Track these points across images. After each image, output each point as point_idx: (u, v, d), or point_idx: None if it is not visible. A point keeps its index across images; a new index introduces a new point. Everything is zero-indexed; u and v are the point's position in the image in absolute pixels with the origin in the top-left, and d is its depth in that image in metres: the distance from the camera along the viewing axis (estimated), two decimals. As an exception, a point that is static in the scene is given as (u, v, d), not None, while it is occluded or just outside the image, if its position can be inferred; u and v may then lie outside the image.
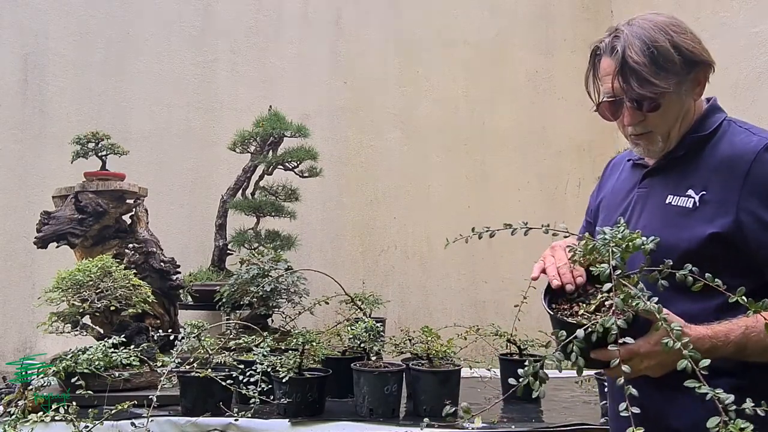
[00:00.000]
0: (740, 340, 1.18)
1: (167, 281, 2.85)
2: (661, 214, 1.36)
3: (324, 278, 2.75)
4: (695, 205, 1.31)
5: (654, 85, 1.29)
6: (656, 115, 1.35)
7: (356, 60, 4.17)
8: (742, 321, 1.19)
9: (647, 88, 1.29)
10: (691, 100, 1.38)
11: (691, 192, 1.33)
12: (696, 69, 1.34)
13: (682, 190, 1.34)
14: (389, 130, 4.15)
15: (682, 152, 1.39)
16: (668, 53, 1.30)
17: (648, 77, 1.29)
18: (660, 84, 1.29)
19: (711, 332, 1.19)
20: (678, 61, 1.30)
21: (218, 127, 3.97)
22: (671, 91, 1.31)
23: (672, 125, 1.37)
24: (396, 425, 2.17)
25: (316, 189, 3.84)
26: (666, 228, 1.28)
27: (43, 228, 2.75)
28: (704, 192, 1.31)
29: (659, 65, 1.29)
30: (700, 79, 1.37)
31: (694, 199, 1.32)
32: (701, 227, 1.28)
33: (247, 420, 2.15)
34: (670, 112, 1.35)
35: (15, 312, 3.78)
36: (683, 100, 1.36)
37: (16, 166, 3.87)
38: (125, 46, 4.01)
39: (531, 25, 4.30)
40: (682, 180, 1.36)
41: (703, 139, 1.37)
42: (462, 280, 4.09)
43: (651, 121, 1.36)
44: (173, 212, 3.89)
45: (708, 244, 1.27)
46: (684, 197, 1.33)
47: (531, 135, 4.21)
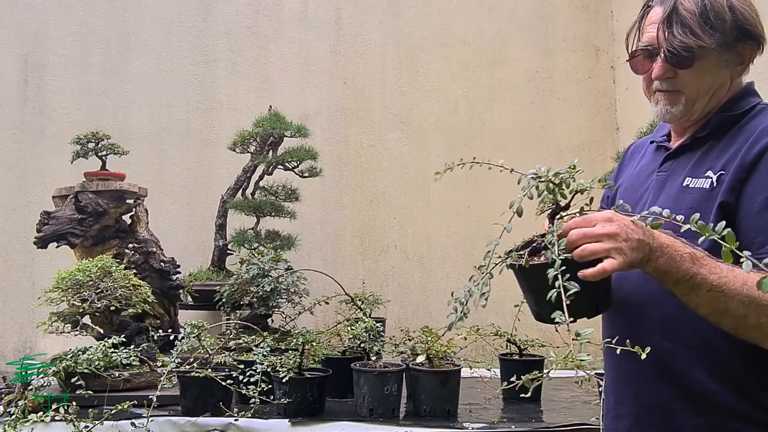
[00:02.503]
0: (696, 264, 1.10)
1: (167, 281, 2.85)
2: (675, 196, 1.29)
3: (324, 278, 2.75)
4: (712, 185, 1.23)
5: (697, 36, 1.23)
6: (688, 74, 1.28)
7: (356, 60, 4.17)
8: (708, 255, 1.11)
9: (689, 38, 1.23)
10: (728, 75, 1.31)
11: (710, 173, 1.25)
12: (744, 40, 1.28)
13: (700, 172, 1.27)
14: (389, 130, 4.15)
15: (706, 131, 1.32)
16: (722, 10, 1.24)
17: (692, 26, 1.23)
18: (703, 38, 1.23)
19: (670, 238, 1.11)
20: (729, 21, 1.25)
21: (218, 127, 3.97)
22: (711, 50, 1.25)
23: (702, 92, 1.30)
24: (396, 425, 2.17)
25: (316, 189, 3.84)
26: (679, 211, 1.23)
27: (43, 228, 2.75)
28: (722, 171, 1.23)
29: (707, 19, 1.24)
30: (745, 56, 1.31)
31: (711, 180, 1.24)
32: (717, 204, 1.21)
33: (247, 420, 2.15)
34: (704, 76, 1.28)
35: (15, 312, 3.78)
36: (721, 69, 1.29)
37: (16, 166, 3.86)
38: (125, 46, 4.01)
39: (531, 25, 4.30)
40: (703, 162, 1.29)
41: (731, 119, 1.29)
42: (462, 280, 4.01)
43: (682, 79, 1.29)
44: (173, 212, 3.89)
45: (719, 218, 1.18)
46: (702, 178, 1.26)
47: (531, 135, 4.21)
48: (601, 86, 4.20)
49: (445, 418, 2.23)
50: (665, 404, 1.28)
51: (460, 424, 2.19)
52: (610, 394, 1.43)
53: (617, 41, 4.22)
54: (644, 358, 1.03)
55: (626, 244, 1.08)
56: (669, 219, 1.07)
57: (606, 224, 1.09)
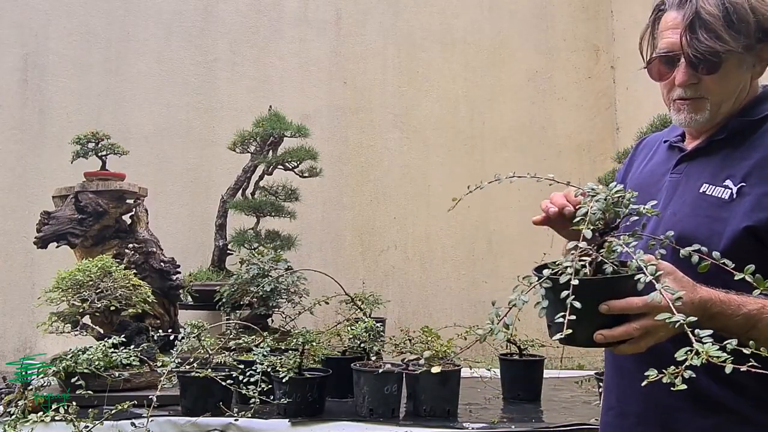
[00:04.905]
0: (754, 315, 1.08)
1: (167, 281, 2.85)
2: (692, 202, 1.27)
3: (324, 278, 2.75)
4: (732, 196, 1.21)
5: (723, 41, 1.20)
6: (713, 80, 1.25)
7: (356, 60, 4.17)
8: (761, 300, 1.09)
9: (716, 42, 1.20)
10: (749, 77, 1.28)
11: (729, 183, 1.22)
12: (765, 40, 1.25)
13: (719, 180, 1.24)
14: (389, 130, 4.16)
15: (723, 135, 1.29)
16: (744, 12, 1.22)
17: (719, 31, 1.20)
18: (729, 41, 1.21)
19: (725, 297, 1.08)
20: (753, 23, 1.22)
21: (218, 127, 3.97)
22: (737, 54, 1.22)
23: (727, 96, 1.27)
24: (396, 425, 2.17)
25: (316, 189, 3.84)
26: (695, 218, 1.19)
27: (43, 228, 2.75)
28: (743, 184, 1.21)
29: (731, 22, 1.21)
30: (764, 56, 1.28)
31: (731, 191, 1.21)
32: (736, 221, 1.18)
33: (247, 420, 2.15)
34: (729, 80, 1.25)
35: (15, 312, 3.78)
36: (743, 72, 1.26)
37: (16, 166, 3.86)
38: (125, 46, 4.01)
39: (531, 25, 4.30)
40: (721, 168, 1.26)
41: (749, 125, 1.27)
42: (462, 280, 4.09)
43: (706, 85, 1.26)
44: (173, 212, 3.89)
45: (742, 239, 1.17)
46: (721, 187, 1.23)
47: (531, 135, 4.21)
48: (601, 86, 4.20)
49: (445, 418, 2.23)
50: (669, 404, 1.27)
51: (460, 424, 2.19)
52: (611, 390, 1.41)
53: (617, 41, 4.22)
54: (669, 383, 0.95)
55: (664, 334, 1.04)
56: (718, 262, 1.02)
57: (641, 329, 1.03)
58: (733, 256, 1.07)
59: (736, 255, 1.07)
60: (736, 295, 1.09)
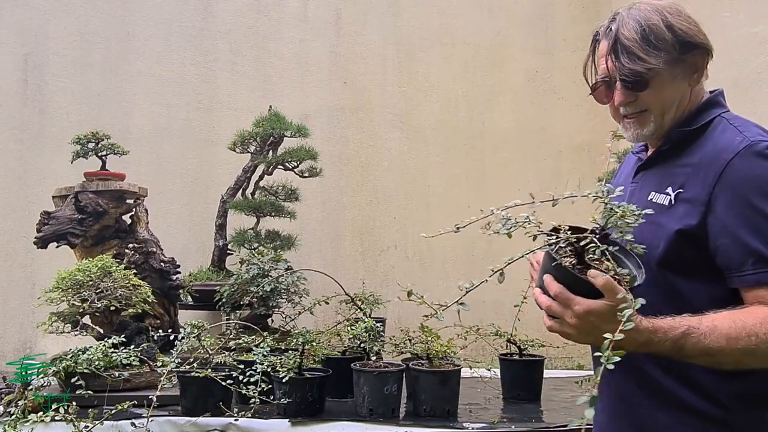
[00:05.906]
0: (678, 339, 1.15)
1: (167, 281, 2.85)
2: (642, 209, 1.34)
3: (324, 278, 2.75)
4: (671, 203, 1.30)
5: (643, 60, 1.30)
6: (647, 95, 1.34)
7: (356, 60, 4.17)
8: (686, 321, 1.16)
9: (636, 64, 1.30)
10: (686, 86, 1.36)
11: (669, 189, 1.32)
12: (691, 51, 1.33)
13: (663, 188, 1.34)
14: (389, 130, 4.16)
15: (667, 146, 1.38)
16: (660, 31, 1.31)
17: (637, 52, 1.30)
18: (649, 60, 1.30)
19: (651, 326, 1.15)
20: (670, 39, 1.31)
21: (218, 127, 3.97)
22: (662, 70, 1.31)
23: (667, 107, 1.35)
24: (396, 425, 2.17)
25: (316, 189, 3.84)
26: (643, 224, 1.26)
27: (43, 228, 2.75)
28: (681, 190, 1.30)
29: (650, 42, 1.30)
30: (697, 64, 1.35)
31: (670, 197, 1.31)
32: (671, 225, 1.27)
33: (247, 420, 2.15)
34: (664, 92, 1.34)
35: (15, 312, 3.78)
36: (678, 83, 1.34)
37: (16, 166, 3.86)
38: (125, 46, 4.01)
39: (530, 25, 4.30)
40: (665, 177, 1.35)
41: (690, 134, 1.35)
42: (462, 280, 4.07)
43: (644, 99, 1.35)
44: (173, 212, 3.89)
45: (677, 243, 1.26)
46: (663, 194, 1.32)
47: (531, 135, 4.21)
48: (601, 86, 4.20)
49: (445, 418, 2.23)
50: (631, 397, 1.34)
51: (460, 424, 2.19)
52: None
53: (617, 41, 4.22)
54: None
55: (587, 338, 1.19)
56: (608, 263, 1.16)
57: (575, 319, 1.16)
58: (672, 257, 1.25)
59: (674, 257, 1.25)
60: (664, 321, 1.17)
